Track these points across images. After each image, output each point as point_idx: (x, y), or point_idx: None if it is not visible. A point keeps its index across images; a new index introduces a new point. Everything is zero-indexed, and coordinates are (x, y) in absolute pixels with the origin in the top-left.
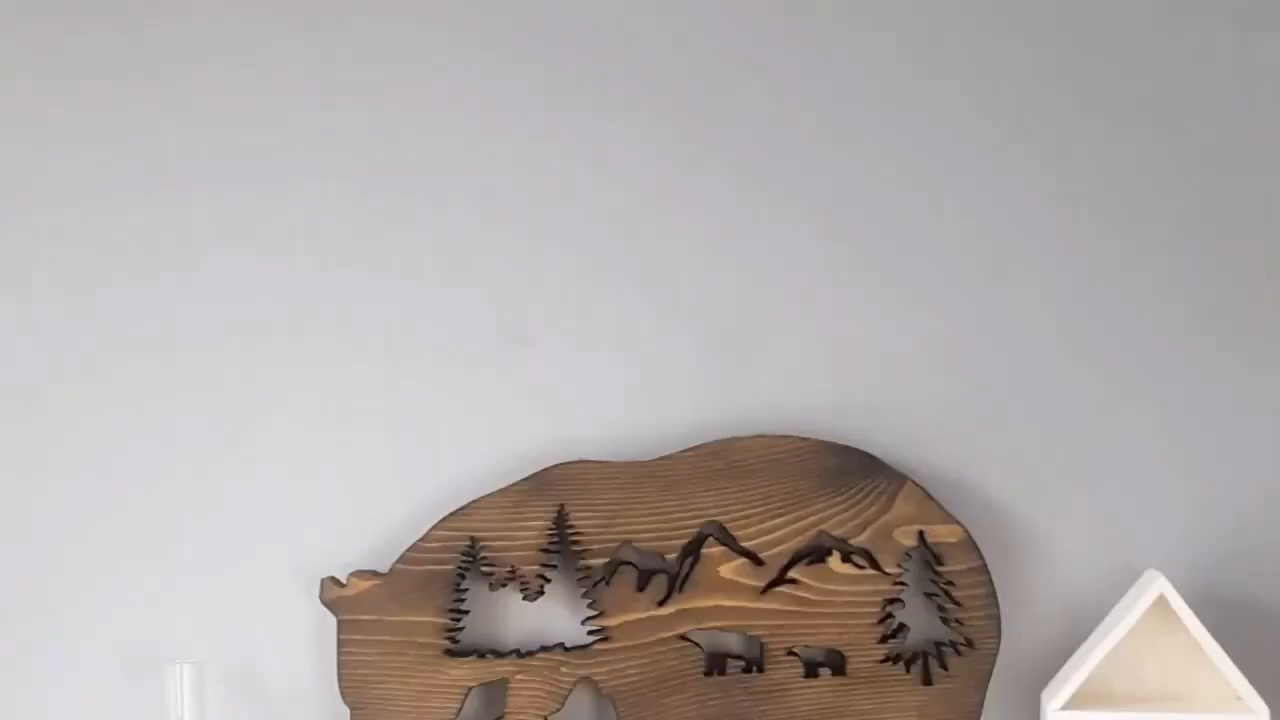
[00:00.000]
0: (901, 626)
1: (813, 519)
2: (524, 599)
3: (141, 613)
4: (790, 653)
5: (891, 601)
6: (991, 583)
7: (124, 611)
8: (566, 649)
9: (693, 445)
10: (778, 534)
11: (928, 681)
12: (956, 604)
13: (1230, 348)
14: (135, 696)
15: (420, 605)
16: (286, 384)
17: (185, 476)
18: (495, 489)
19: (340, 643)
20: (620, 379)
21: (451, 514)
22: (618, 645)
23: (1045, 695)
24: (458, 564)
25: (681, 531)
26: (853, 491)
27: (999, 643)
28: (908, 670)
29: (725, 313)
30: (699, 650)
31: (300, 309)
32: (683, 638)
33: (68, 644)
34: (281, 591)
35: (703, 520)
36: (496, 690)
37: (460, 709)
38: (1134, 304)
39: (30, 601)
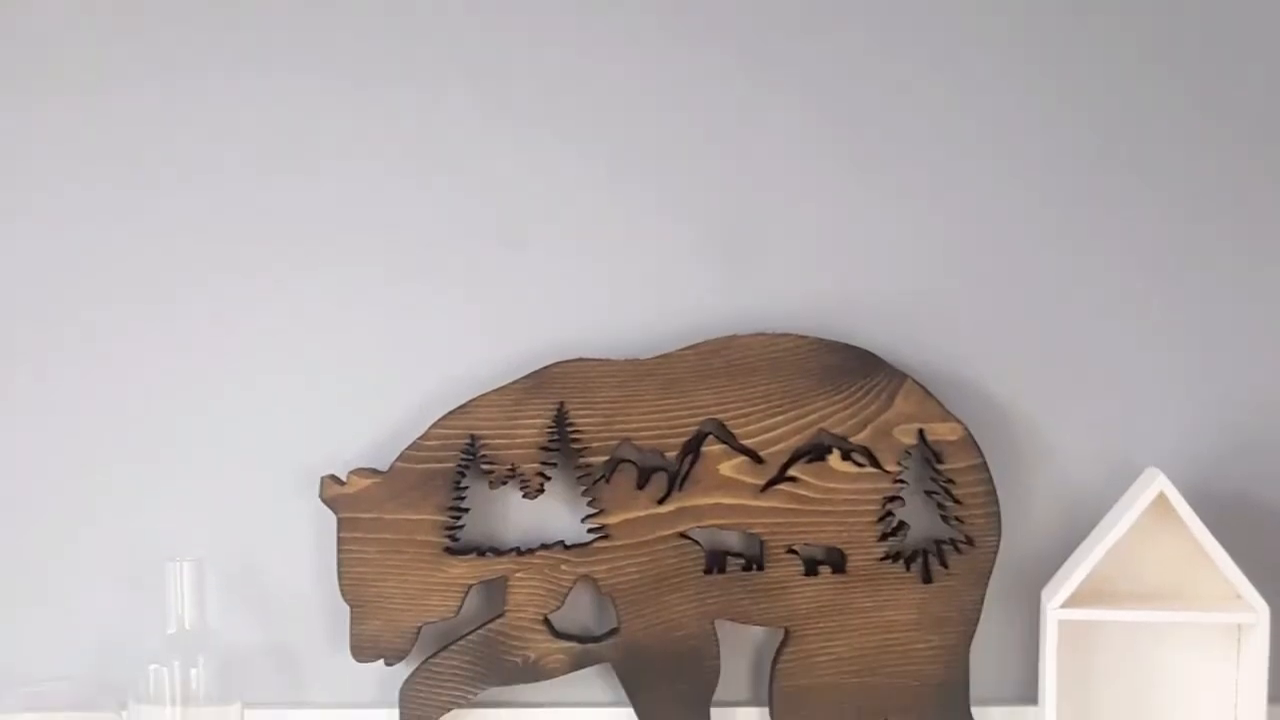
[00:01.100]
0: (901, 524)
1: (812, 417)
2: (524, 497)
3: (142, 511)
4: (790, 550)
5: (891, 499)
6: (991, 480)
7: (125, 510)
8: (566, 547)
9: (692, 343)
10: (777, 432)
11: (928, 579)
12: (956, 502)
13: (1230, 246)
14: (136, 594)
15: (420, 503)
16: (287, 283)
17: (185, 376)
18: (495, 387)
19: (340, 541)
20: (620, 277)
21: (451, 412)
22: (617, 543)
23: (1045, 593)
24: (457, 462)
25: (681, 429)
26: (852, 389)
27: (999, 540)
28: (908, 568)
29: (725, 211)
30: (699, 548)
31: (300, 209)
32: (682, 535)
33: (69, 543)
34: (281, 490)
35: (702, 418)
36: (496, 588)
37: (460, 607)
38: (1134, 202)
39: (31, 501)
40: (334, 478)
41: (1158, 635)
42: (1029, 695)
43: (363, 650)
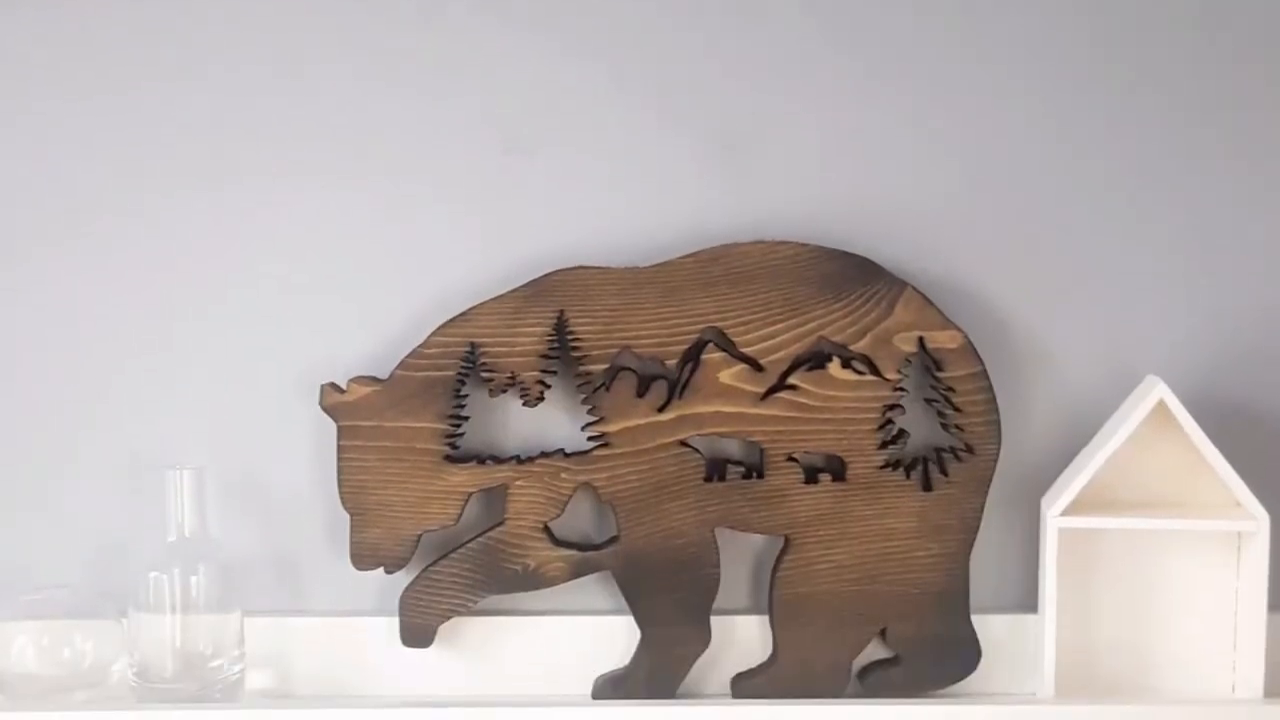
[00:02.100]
0: (901, 432)
1: (812, 325)
2: (524, 405)
3: (142, 419)
4: (790, 458)
5: (891, 407)
6: (991, 388)
7: (124, 418)
8: (566, 455)
9: (692, 251)
10: (777, 340)
11: (927, 487)
12: (956, 410)
13: (1231, 153)
14: (136, 502)
15: (420, 411)
16: (287, 191)
17: (185, 283)
18: (495, 295)
19: (340, 448)
20: (620, 185)
21: (451, 320)
22: (617, 451)
23: (1045, 501)
24: (457, 370)
25: (681, 337)
26: (852, 297)
27: (999, 449)
28: (908, 476)
29: (725, 118)
30: (699, 456)
31: (299, 116)
32: (682, 443)
33: (69, 451)
34: (281, 397)
35: (702, 326)
36: (496, 496)
37: (460, 515)
38: (1136, 109)
39: (31, 408)
40: (334, 386)
41: (1157, 543)
42: (1029, 603)
43: (362, 558)
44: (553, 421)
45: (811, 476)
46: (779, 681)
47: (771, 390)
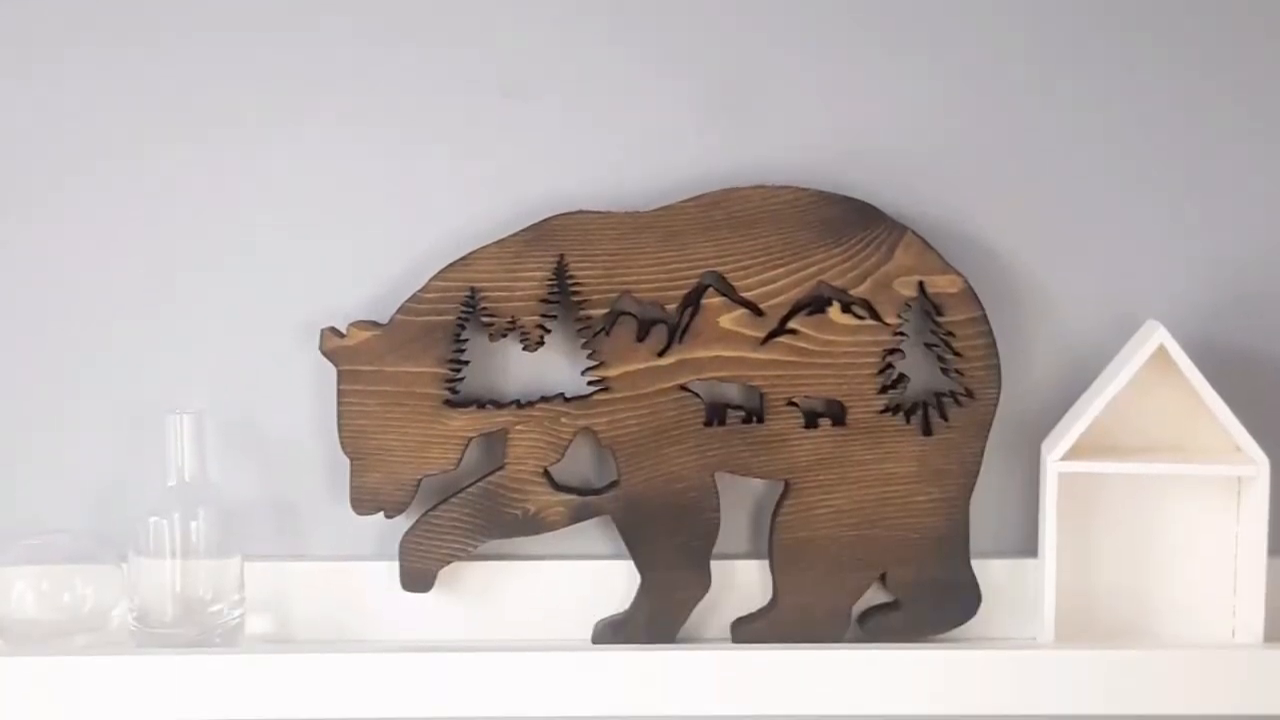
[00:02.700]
0: (901, 377)
1: (812, 269)
2: (524, 349)
3: (142, 364)
4: (790, 403)
5: (891, 352)
6: (991, 333)
7: (124, 363)
8: (566, 399)
9: (692, 195)
10: (777, 284)
11: (927, 432)
12: (956, 354)
13: (1233, 97)
14: (136, 447)
15: (420, 356)
16: (286, 137)
17: (185, 229)
18: (494, 240)
19: (340, 393)
20: (620, 130)
21: (451, 265)
22: (617, 396)
23: (1045, 445)
24: (457, 314)
25: (681, 282)
26: (852, 242)
27: (999, 393)
28: (908, 420)
29: (725, 63)
30: (699, 401)
31: (298, 62)
32: (682, 388)
33: (69, 396)
34: (281, 342)
35: (702, 270)
36: (496, 441)
37: (460, 459)
38: (1136, 54)
39: (32, 354)
40: (334, 330)
41: (1158, 488)
42: (1029, 548)
43: (362, 503)
44: (553, 366)
45: (811, 421)
46: (779, 626)
47: (771, 335)
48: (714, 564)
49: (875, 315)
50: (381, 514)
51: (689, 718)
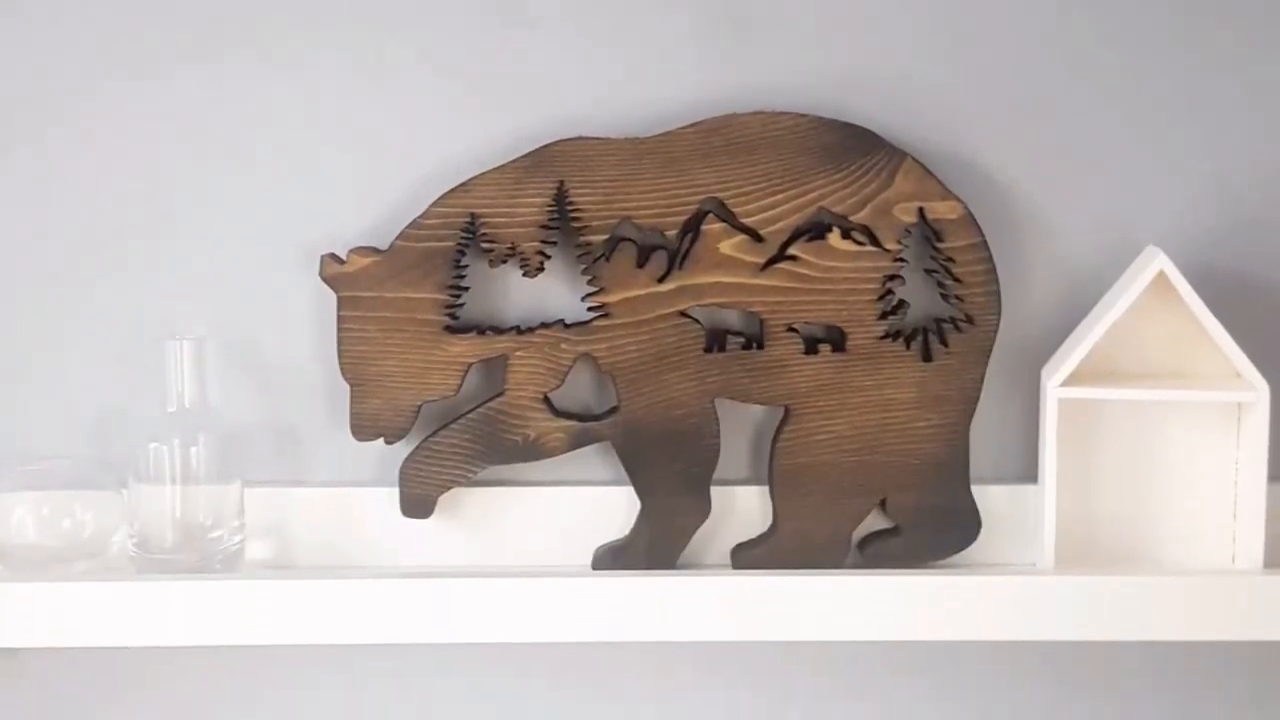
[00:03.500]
0: (901, 303)
1: (812, 195)
2: (524, 276)
3: (142, 289)
4: (790, 329)
5: (891, 278)
6: (991, 259)
7: (124, 288)
8: (566, 325)
9: (693, 121)
10: (777, 210)
11: (927, 358)
12: (956, 280)
13: (1232, 22)
14: (136, 372)
15: (420, 282)
16: (288, 61)
17: (185, 154)
18: (495, 166)
19: (340, 319)
20: (620, 56)
21: (451, 191)
22: (617, 322)
23: (1045, 372)
24: (457, 240)
25: (681, 208)
26: (852, 168)
27: (999, 319)
28: (908, 346)
29: None
30: (698, 327)
31: None
32: (682, 314)
33: (68, 321)
34: (281, 268)
35: (702, 196)
36: (496, 367)
37: (460, 385)
38: None
39: (31, 279)
40: (334, 256)
41: (1158, 414)
42: (1029, 474)
43: (362, 429)
44: (553, 292)
45: (811, 347)
46: (778, 552)
47: (771, 261)
48: (714, 490)
49: (875, 241)
50: (381, 440)
51: (689, 643)
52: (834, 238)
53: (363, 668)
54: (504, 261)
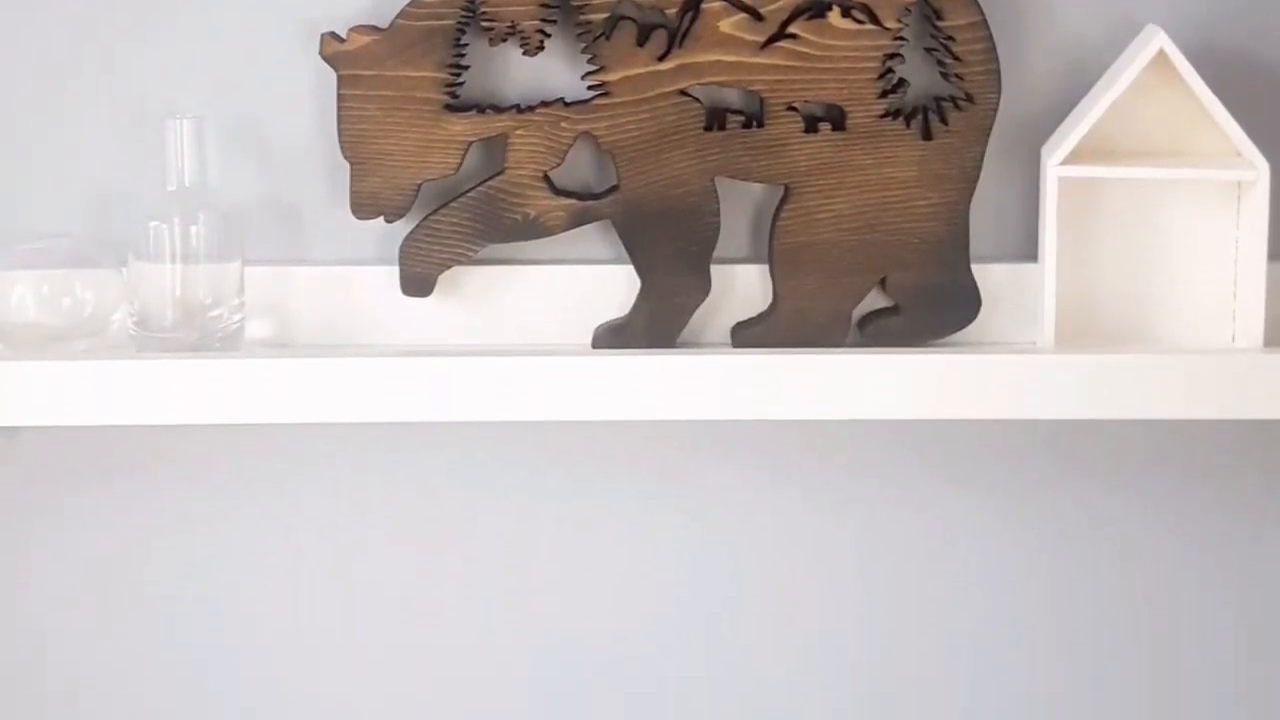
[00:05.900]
0: (901, 81)
1: None
2: (524, 54)
3: (143, 68)
4: (790, 108)
5: (891, 56)
6: (991, 37)
7: (123, 67)
8: (566, 104)
9: None
10: None
11: (927, 136)
12: (956, 59)
13: None
14: (135, 151)
15: (420, 60)
16: None
17: None
18: None
19: (340, 98)
20: None
21: None
22: (617, 100)
23: (1045, 150)
24: (457, 18)
25: None
26: None
27: (999, 98)
28: (908, 125)
29: None
30: (698, 105)
31: None
32: (682, 93)
33: (67, 99)
34: (281, 47)
35: None
36: (496, 146)
37: (460, 164)
38: None
39: (29, 57)
40: (334, 35)
41: (1158, 193)
42: (1029, 253)
43: (362, 207)
44: (552, 71)
45: (811, 126)
46: (778, 330)
47: (771, 39)
48: (714, 268)
49: (875, 19)
50: (381, 218)
51: (688, 421)
52: (834, 16)
53: (361, 446)
54: (504, 40)
